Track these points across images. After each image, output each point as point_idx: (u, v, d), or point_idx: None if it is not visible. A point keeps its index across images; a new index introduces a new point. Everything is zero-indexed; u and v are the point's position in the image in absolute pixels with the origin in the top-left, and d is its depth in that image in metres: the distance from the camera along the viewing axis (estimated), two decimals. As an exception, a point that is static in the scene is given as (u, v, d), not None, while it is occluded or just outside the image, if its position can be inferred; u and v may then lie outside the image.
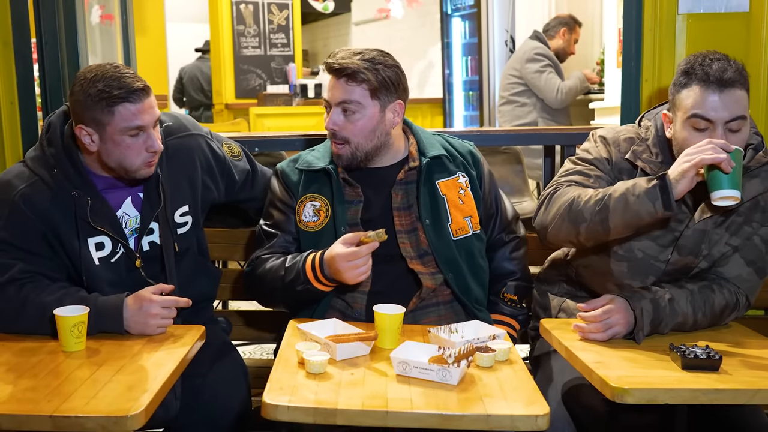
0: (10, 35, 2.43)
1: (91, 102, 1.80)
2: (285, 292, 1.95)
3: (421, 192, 2.03)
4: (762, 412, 1.88)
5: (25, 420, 1.39)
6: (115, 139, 1.82)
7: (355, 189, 2.04)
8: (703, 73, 1.81)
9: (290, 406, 1.41)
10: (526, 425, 1.41)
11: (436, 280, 2.02)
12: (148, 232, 1.98)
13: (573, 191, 1.91)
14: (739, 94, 1.81)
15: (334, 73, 1.97)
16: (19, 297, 1.81)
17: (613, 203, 1.79)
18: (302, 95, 6.88)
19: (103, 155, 1.86)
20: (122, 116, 1.80)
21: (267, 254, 2.04)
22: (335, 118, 1.98)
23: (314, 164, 2.06)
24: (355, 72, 1.94)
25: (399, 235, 2.02)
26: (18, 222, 1.84)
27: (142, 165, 1.88)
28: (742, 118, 1.82)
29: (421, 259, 2.02)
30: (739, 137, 1.83)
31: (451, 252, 2.03)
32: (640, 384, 1.52)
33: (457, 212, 2.05)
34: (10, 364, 1.62)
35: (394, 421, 1.40)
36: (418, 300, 2.00)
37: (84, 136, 1.84)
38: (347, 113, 1.97)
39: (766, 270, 1.95)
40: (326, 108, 2.03)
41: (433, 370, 1.52)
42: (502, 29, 5.91)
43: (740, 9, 2.38)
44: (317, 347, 1.65)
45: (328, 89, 2.00)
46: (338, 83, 1.97)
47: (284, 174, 2.10)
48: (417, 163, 2.05)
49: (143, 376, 1.57)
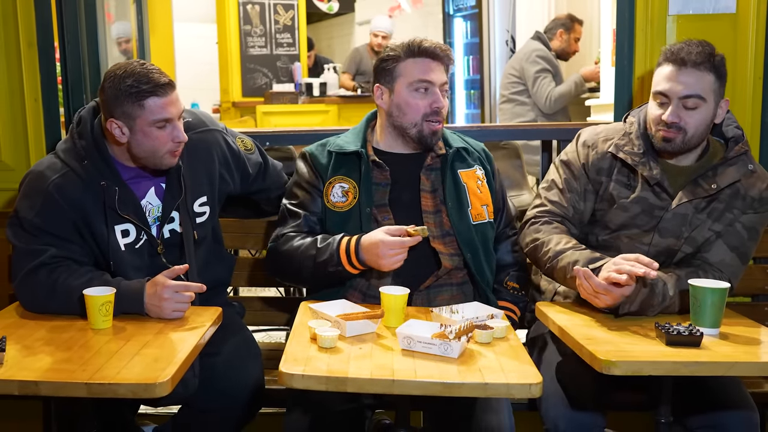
0: (34, 36, 2.54)
1: (122, 97, 1.92)
2: (315, 270, 2.06)
3: (446, 177, 2.17)
4: (743, 388, 2.00)
5: (62, 387, 1.52)
6: (144, 130, 1.95)
7: (383, 172, 2.16)
8: (671, 53, 1.97)
9: (304, 375, 1.54)
10: (521, 393, 1.54)
11: (453, 261, 2.14)
12: (169, 220, 2.09)
13: (542, 234, 2.10)
14: (700, 75, 1.94)
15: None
16: (50, 280, 1.93)
17: (557, 270, 2.02)
18: (307, 93, 7.00)
19: (133, 146, 1.99)
20: (151, 109, 1.93)
21: (293, 232, 2.15)
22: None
23: (345, 147, 2.18)
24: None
25: (425, 215, 2.15)
26: (51, 210, 1.96)
27: (168, 154, 2.00)
28: (699, 98, 1.94)
29: (443, 239, 2.15)
30: (695, 117, 1.96)
31: (471, 234, 2.16)
32: (626, 357, 1.64)
33: (476, 199, 2.20)
34: (45, 339, 1.76)
35: (400, 389, 1.53)
36: (435, 278, 2.13)
37: (115, 128, 1.96)
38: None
39: (748, 255, 2.07)
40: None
41: (435, 345, 1.65)
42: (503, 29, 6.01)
43: (727, 10, 2.49)
44: (328, 324, 1.78)
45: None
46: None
47: (313, 156, 2.21)
48: (443, 151, 2.19)
49: (168, 350, 1.69)
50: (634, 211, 2.06)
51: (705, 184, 2.02)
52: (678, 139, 1.98)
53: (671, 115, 1.96)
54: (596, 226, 2.13)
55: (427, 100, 2.11)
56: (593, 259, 1.94)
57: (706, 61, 1.94)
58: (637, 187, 2.06)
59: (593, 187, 2.13)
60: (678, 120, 1.96)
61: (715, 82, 1.96)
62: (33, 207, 1.97)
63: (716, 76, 1.96)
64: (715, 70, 1.95)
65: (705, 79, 1.94)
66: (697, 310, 1.79)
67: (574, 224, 2.14)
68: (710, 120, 1.99)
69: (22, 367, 1.58)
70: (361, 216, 2.10)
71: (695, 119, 1.96)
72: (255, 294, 3.44)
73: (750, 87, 2.50)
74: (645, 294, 1.89)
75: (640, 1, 2.52)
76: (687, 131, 1.97)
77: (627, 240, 2.08)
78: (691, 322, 1.79)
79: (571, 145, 2.20)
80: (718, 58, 1.96)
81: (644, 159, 2.05)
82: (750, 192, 2.03)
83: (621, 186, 2.08)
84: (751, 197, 2.03)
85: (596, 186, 2.12)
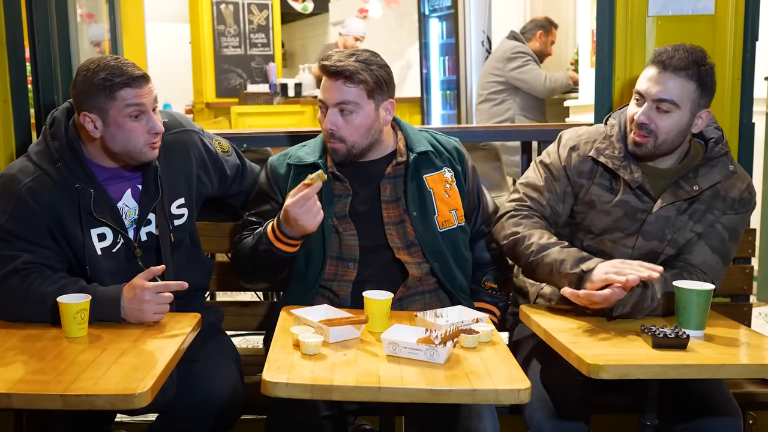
0: (3, 35, 2.45)
1: (94, 90, 1.87)
2: (253, 258, 2.05)
3: (408, 186, 2.12)
4: (727, 390, 2.00)
5: (37, 399, 1.47)
6: (118, 122, 1.90)
7: (343, 183, 2.12)
8: (657, 54, 1.97)
9: (288, 383, 1.50)
10: (509, 398, 1.52)
11: (422, 269, 2.12)
12: (146, 223, 2.04)
13: (522, 228, 2.06)
14: (679, 81, 1.93)
15: (332, 76, 2.04)
16: (23, 287, 1.87)
17: (541, 266, 1.97)
18: (282, 94, 6.95)
19: (108, 141, 1.93)
20: (123, 99, 1.88)
21: (247, 234, 2.13)
22: (333, 119, 2.05)
23: (305, 159, 2.14)
24: (352, 74, 2.01)
25: (387, 227, 2.11)
26: (24, 215, 1.90)
27: (146, 146, 1.95)
28: (673, 103, 1.94)
29: (408, 250, 2.12)
30: (666, 122, 1.95)
31: (437, 243, 2.12)
32: (614, 361, 1.63)
33: (443, 205, 2.15)
34: (17, 349, 1.70)
35: (387, 396, 1.50)
36: (405, 288, 2.10)
37: (87, 123, 1.91)
38: (344, 113, 2.04)
39: (729, 256, 2.08)
40: (321, 109, 2.10)
41: (421, 350, 1.62)
42: (478, 30, 6.01)
43: (706, 11, 2.50)
44: (311, 330, 1.74)
45: (325, 90, 2.07)
46: (335, 85, 2.04)
47: (273, 168, 2.18)
48: (405, 158, 2.14)
49: (146, 359, 1.65)
50: (617, 214, 2.05)
51: (687, 186, 2.02)
52: (649, 144, 1.98)
53: (641, 115, 1.96)
54: (580, 230, 2.12)
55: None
56: (581, 259, 1.92)
57: (688, 68, 1.92)
58: (620, 190, 2.05)
59: (573, 189, 2.11)
60: (648, 122, 1.96)
61: (696, 90, 1.95)
62: (5, 211, 1.91)
63: (698, 85, 1.94)
64: (699, 78, 1.94)
65: (683, 86, 1.93)
66: (682, 312, 1.79)
67: (550, 224, 2.13)
68: (684, 128, 1.98)
69: (-7, 379, 1.52)
70: (324, 228, 2.05)
71: (666, 124, 1.96)
72: (231, 298, 3.39)
73: (728, 88, 2.51)
74: (638, 296, 1.88)
75: (620, 3, 2.52)
76: (657, 136, 1.97)
77: (611, 244, 2.07)
78: (676, 325, 1.78)
79: (552, 146, 2.19)
80: (705, 68, 1.95)
81: (625, 162, 2.04)
82: (730, 193, 2.04)
83: (603, 189, 2.08)
84: (731, 198, 2.04)
85: (576, 189, 2.11)
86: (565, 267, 1.92)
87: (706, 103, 1.99)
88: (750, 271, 2.44)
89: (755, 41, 2.51)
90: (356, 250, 2.10)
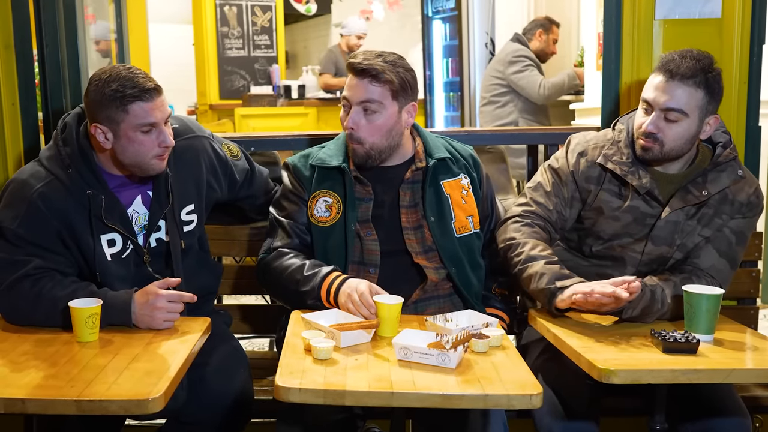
0: (11, 38, 2.46)
1: (106, 101, 1.87)
2: (296, 296, 2.03)
3: (426, 191, 2.13)
4: (735, 392, 2.01)
5: (51, 404, 1.47)
6: (129, 135, 1.90)
7: (366, 187, 2.12)
8: (664, 61, 1.96)
9: (301, 389, 1.50)
10: (522, 403, 1.52)
11: (439, 274, 2.12)
12: (155, 229, 2.05)
13: (520, 235, 2.07)
14: (687, 90, 1.92)
15: (359, 74, 2.04)
16: (34, 291, 1.88)
17: (524, 276, 1.99)
18: (286, 96, 6.95)
19: (118, 152, 1.94)
20: (135, 114, 1.88)
21: (286, 249, 2.12)
22: (355, 117, 2.05)
23: (328, 162, 2.14)
24: (379, 73, 2.01)
25: (405, 232, 2.12)
26: (35, 220, 1.91)
27: (155, 159, 1.95)
28: (681, 112, 1.93)
29: (426, 255, 2.12)
30: (674, 130, 1.95)
31: (455, 248, 2.13)
32: (625, 365, 1.63)
33: (460, 211, 2.16)
34: (30, 353, 1.70)
35: (399, 401, 1.50)
36: (421, 292, 2.11)
37: (99, 134, 1.91)
38: (368, 113, 2.04)
39: (737, 260, 2.08)
40: (345, 107, 2.09)
41: (432, 355, 1.62)
42: (482, 32, 6.00)
43: (713, 15, 2.50)
44: (322, 335, 1.74)
45: (350, 88, 2.06)
46: (361, 83, 2.03)
47: (296, 169, 2.18)
48: (423, 163, 2.14)
49: (158, 364, 1.65)
50: (626, 220, 2.06)
51: (695, 191, 2.02)
52: (656, 149, 1.98)
53: (650, 125, 1.96)
54: (589, 236, 2.12)
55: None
56: (560, 276, 1.92)
57: (695, 76, 1.92)
58: (628, 196, 2.06)
59: (581, 195, 2.12)
60: (656, 131, 1.96)
61: (704, 98, 1.94)
62: (16, 216, 1.91)
63: (706, 92, 1.94)
64: (707, 86, 1.93)
65: (691, 94, 1.93)
66: (691, 316, 1.79)
67: (556, 229, 2.13)
68: (692, 135, 1.98)
69: (6, 384, 1.53)
70: (346, 232, 2.06)
71: (674, 132, 1.96)
72: (238, 301, 3.39)
73: (735, 91, 2.52)
74: (647, 300, 1.89)
75: (627, 6, 2.52)
76: (665, 143, 1.97)
77: (620, 249, 2.07)
78: (685, 329, 1.78)
79: (561, 151, 2.19)
80: (713, 74, 1.94)
81: (633, 168, 2.04)
82: (738, 197, 2.04)
83: (612, 195, 2.08)
84: (739, 202, 2.04)
85: (584, 194, 2.11)
86: (541, 281, 1.93)
87: (713, 109, 1.99)
88: (756, 274, 2.45)
89: (762, 45, 2.52)
90: (377, 255, 2.10)
